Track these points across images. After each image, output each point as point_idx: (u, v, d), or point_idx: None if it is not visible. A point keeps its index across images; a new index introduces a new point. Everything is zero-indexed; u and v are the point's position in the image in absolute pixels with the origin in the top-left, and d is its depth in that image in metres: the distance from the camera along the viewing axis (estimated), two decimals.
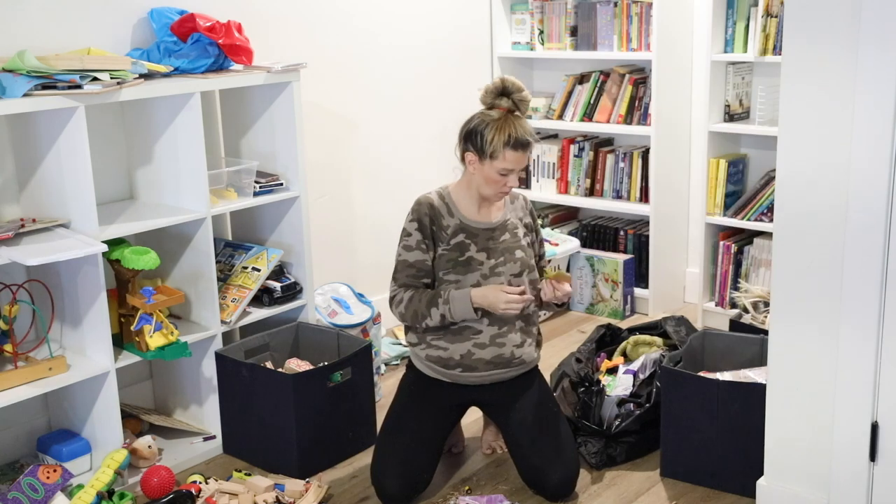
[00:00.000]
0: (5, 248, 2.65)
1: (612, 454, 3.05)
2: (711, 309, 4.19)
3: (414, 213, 2.90)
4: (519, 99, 2.81)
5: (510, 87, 2.81)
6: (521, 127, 2.79)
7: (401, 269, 2.89)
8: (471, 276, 2.84)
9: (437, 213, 2.89)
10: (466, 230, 2.88)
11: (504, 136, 2.76)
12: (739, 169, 4.10)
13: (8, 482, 2.85)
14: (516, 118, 2.80)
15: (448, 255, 2.86)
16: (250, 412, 3.11)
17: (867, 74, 2.28)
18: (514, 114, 2.80)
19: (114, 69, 2.79)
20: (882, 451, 2.47)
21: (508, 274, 2.86)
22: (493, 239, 2.88)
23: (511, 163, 2.79)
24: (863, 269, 2.38)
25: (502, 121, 2.78)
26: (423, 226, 2.88)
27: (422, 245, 2.87)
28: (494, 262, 2.86)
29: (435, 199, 2.92)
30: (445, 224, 2.88)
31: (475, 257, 2.86)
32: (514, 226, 2.93)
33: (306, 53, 3.52)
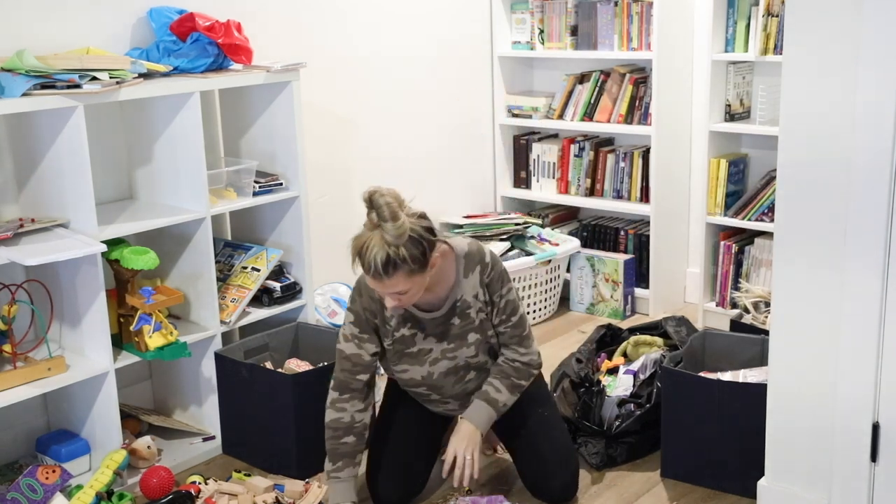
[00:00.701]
0: (4, 248, 2.65)
1: (612, 455, 3.04)
2: (712, 309, 4.18)
3: (352, 304, 2.67)
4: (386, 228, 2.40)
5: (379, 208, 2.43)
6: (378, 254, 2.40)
7: (339, 359, 2.70)
8: (420, 367, 2.72)
9: (380, 305, 2.63)
10: (412, 319, 2.67)
11: (354, 253, 2.46)
12: (740, 169, 4.10)
13: (7, 482, 2.85)
14: (378, 238, 2.42)
15: (394, 348, 2.71)
16: (250, 413, 3.10)
17: (868, 74, 2.27)
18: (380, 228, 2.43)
19: (113, 69, 2.79)
20: (883, 451, 2.47)
21: (464, 357, 2.72)
22: (443, 325, 2.68)
23: (371, 285, 2.51)
24: (863, 269, 2.38)
25: (365, 236, 2.45)
26: (361, 320, 2.66)
27: (356, 339, 2.67)
28: (447, 345, 2.71)
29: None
30: (389, 315, 2.66)
31: (424, 347, 2.70)
32: (465, 306, 2.67)
33: (306, 53, 3.51)
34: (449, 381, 2.76)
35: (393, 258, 2.41)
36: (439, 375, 2.75)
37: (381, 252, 2.41)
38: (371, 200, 2.46)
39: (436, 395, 2.82)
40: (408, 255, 2.43)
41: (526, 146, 4.66)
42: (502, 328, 2.73)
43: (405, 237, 2.43)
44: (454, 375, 2.76)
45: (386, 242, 2.41)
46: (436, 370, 2.74)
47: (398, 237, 2.42)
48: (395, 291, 2.49)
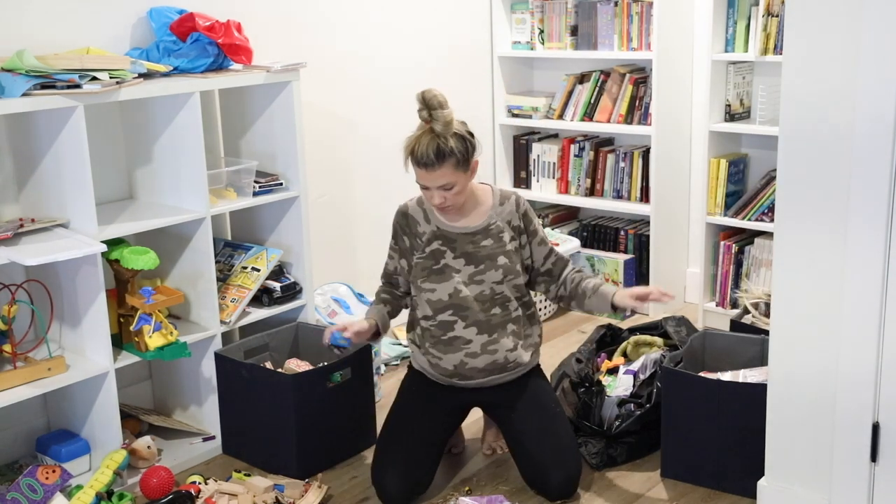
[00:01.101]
0: (4, 248, 2.65)
1: (612, 454, 3.04)
2: (712, 309, 4.18)
3: (394, 223, 2.95)
4: (436, 116, 2.70)
5: (429, 100, 2.71)
6: (428, 143, 2.69)
7: (384, 269, 3.02)
8: (447, 283, 2.82)
9: (412, 220, 2.89)
10: (443, 237, 2.84)
11: (407, 149, 2.73)
12: (740, 169, 4.10)
13: (7, 483, 2.85)
14: (429, 133, 2.70)
15: (423, 262, 2.85)
16: (250, 412, 3.10)
17: (869, 73, 2.27)
18: (431, 128, 2.71)
19: (113, 69, 2.79)
20: (883, 451, 2.47)
21: (490, 281, 2.82)
22: (474, 244, 2.83)
23: (421, 179, 2.76)
24: (864, 267, 2.38)
25: (416, 135, 2.73)
26: (396, 234, 2.93)
27: (393, 252, 2.95)
28: (474, 268, 2.82)
29: (411, 206, 2.92)
30: (421, 231, 2.87)
31: (451, 264, 2.82)
32: (498, 230, 2.85)
33: (306, 53, 3.51)
34: (475, 308, 2.83)
35: (442, 148, 2.67)
36: (466, 298, 2.82)
37: (432, 142, 2.68)
38: (423, 96, 2.70)
39: (461, 323, 2.83)
40: (455, 147, 2.69)
41: (526, 146, 4.66)
42: (553, 257, 2.94)
43: (452, 126, 2.70)
44: (479, 303, 2.83)
45: (436, 134, 2.68)
46: (462, 290, 2.82)
47: (446, 125, 2.69)
48: (442, 185, 2.72)
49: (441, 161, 2.68)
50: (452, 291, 2.82)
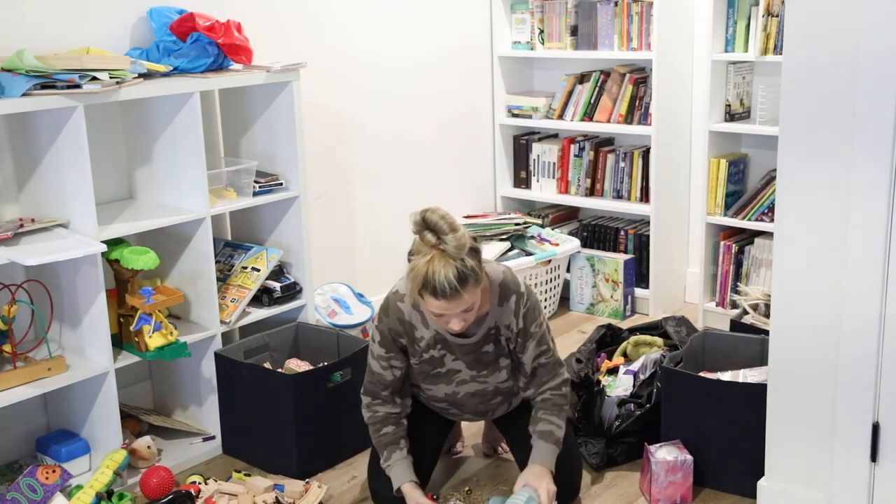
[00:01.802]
0: (4, 248, 2.65)
1: (612, 454, 3.04)
2: (712, 309, 4.18)
3: (379, 323, 2.65)
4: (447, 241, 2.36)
5: (433, 223, 2.39)
6: (442, 271, 2.35)
7: (368, 370, 2.73)
8: (445, 386, 2.71)
9: (406, 327, 2.61)
10: (443, 342, 2.63)
11: (419, 280, 2.39)
12: (740, 169, 4.10)
13: (7, 483, 2.85)
14: (442, 258, 2.37)
15: (420, 367, 2.69)
16: (250, 413, 3.10)
17: (869, 72, 2.27)
18: (441, 252, 2.38)
19: (113, 68, 2.79)
20: (883, 451, 2.47)
21: (495, 382, 2.70)
22: (476, 352, 2.65)
23: (435, 308, 2.43)
24: (864, 267, 2.38)
25: (424, 260, 2.39)
26: (387, 340, 2.64)
27: (382, 360, 2.67)
28: (477, 372, 2.68)
29: (406, 311, 2.61)
30: (419, 336, 2.62)
31: (452, 367, 2.67)
32: (498, 334, 2.63)
33: (306, 53, 3.51)
34: (473, 401, 2.76)
35: (462, 271, 2.37)
36: (465, 395, 2.74)
37: (451, 269, 2.36)
38: (424, 220, 2.40)
39: (455, 410, 2.82)
40: (473, 265, 2.40)
41: (526, 146, 4.66)
42: (543, 359, 2.67)
43: (466, 247, 2.38)
44: (480, 397, 2.75)
45: (451, 258, 2.37)
46: (462, 390, 2.72)
47: (460, 248, 2.37)
48: (464, 309, 2.44)
49: (464, 287, 2.38)
50: (451, 392, 2.72)
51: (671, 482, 2.81)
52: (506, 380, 2.73)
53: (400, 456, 2.69)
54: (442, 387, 2.72)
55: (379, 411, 2.71)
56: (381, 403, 2.72)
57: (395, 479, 2.66)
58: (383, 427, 2.71)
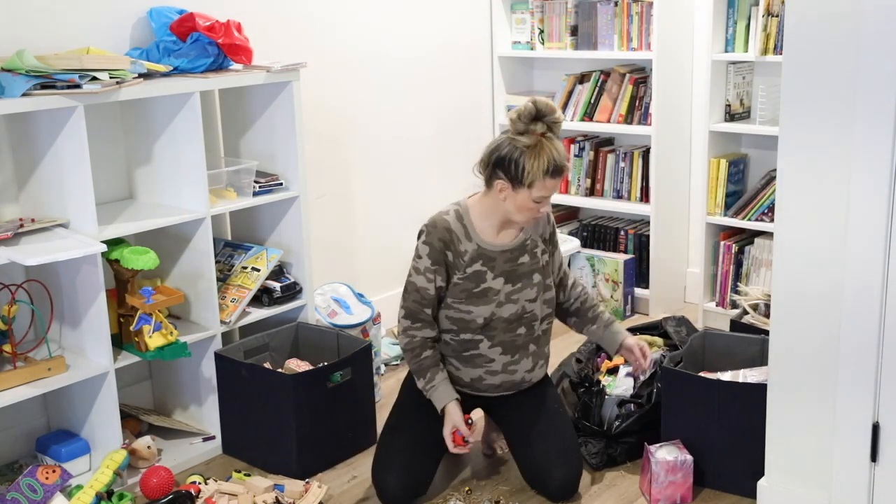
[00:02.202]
0: (4, 248, 2.65)
1: (612, 454, 3.04)
2: (712, 309, 4.18)
3: (427, 236, 2.77)
4: (552, 121, 2.64)
5: (544, 109, 2.64)
6: (558, 151, 2.64)
7: (409, 290, 2.82)
8: (486, 307, 2.78)
9: (454, 237, 2.76)
10: (484, 256, 2.77)
11: (543, 164, 2.62)
12: (740, 169, 4.10)
13: (7, 483, 2.85)
14: (551, 142, 2.64)
15: (463, 284, 2.77)
16: (250, 413, 3.10)
17: (869, 72, 2.27)
18: (547, 137, 2.64)
19: (113, 68, 2.79)
20: (883, 451, 2.47)
21: (524, 300, 2.81)
22: (513, 261, 2.79)
23: (549, 190, 2.68)
24: (864, 267, 2.38)
25: (539, 147, 2.62)
26: (435, 251, 2.75)
27: (429, 272, 2.77)
28: (511, 287, 2.79)
29: (452, 222, 2.77)
30: (463, 250, 2.76)
31: (492, 286, 2.77)
32: (533, 244, 2.83)
33: (306, 53, 3.51)
34: (502, 327, 2.82)
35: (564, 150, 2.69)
36: (498, 319, 2.80)
37: (559, 146, 2.66)
38: (537, 106, 2.64)
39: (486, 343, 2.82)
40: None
41: None
42: (564, 269, 2.98)
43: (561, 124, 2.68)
44: (507, 322, 2.81)
45: (556, 139, 2.67)
46: (498, 312, 2.79)
47: (559, 125, 2.67)
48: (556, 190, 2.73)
49: (568, 161, 2.74)
50: (488, 315, 2.78)
51: (671, 482, 2.81)
52: (534, 299, 2.83)
53: (442, 377, 2.80)
54: (482, 308, 2.78)
55: (416, 336, 2.80)
56: (420, 327, 2.80)
57: (440, 399, 2.79)
58: (423, 351, 2.80)
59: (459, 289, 2.78)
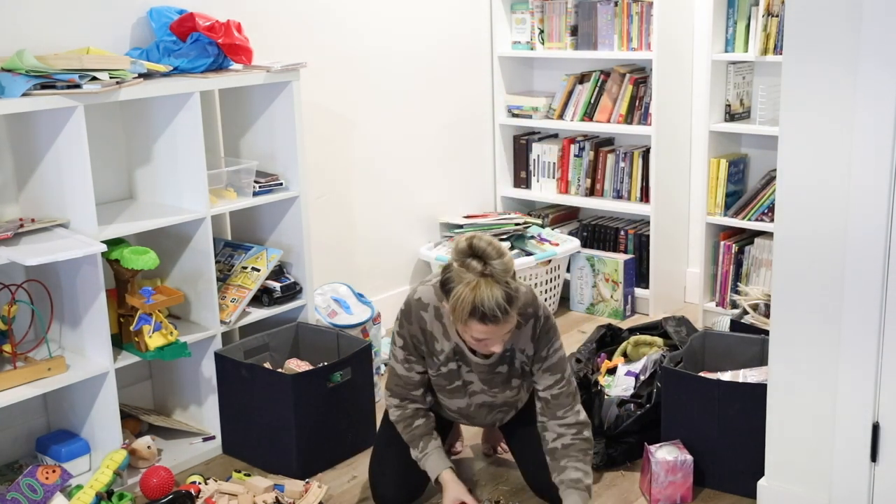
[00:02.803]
0: (4, 248, 2.65)
1: (612, 455, 3.04)
2: (712, 309, 4.18)
3: (402, 328, 2.64)
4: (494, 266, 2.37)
5: (481, 250, 2.39)
6: (491, 296, 2.35)
7: (391, 374, 2.74)
8: (460, 399, 2.74)
9: (430, 337, 2.63)
10: (461, 355, 2.64)
11: (468, 307, 2.37)
12: (740, 169, 4.10)
13: (7, 483, 2.85)
14: (489, 283, 2.36)
15: (437, 381, 2.72)
16: (250, 413, 3.10)
17: (869, 71, 2.27)
18: (486, 278, 2.37)
19: (113, 68, 2.79)
20: (883, 451, 2.47)
21: (503, 398, 2.74)
22: (490, 371, 2.67)
23: (479, 333, 2.44)
24: (864, 269, 2.38)
25: (470, 286, 2.37)
26: (409, 346, 2.66)
27: (406, 364, 2.68)
28: (489, 388, 2.71)
29: (428, 320, 2.60)
30: (438, 349, 2.64)
31: (467, 379, 2.69)
32: (513, 355, 2.66)
33: (306, 53, 3.51)
34: (482, 412, 2.78)
35: (508, 293, 2.39)
36: (476, 408, 2.76)
37: (499, 292, 2.37)
38: (472, 247, 2.40)
39: (464, 421, 2.85)
40: (515, 285, 2.43)
41: (526, 146, 4.66)
42: (556, 389, 2.65)
43: (512, 270, 2.41)
44: (489, 409, 2.78)
45: (497, 281, 2.37)
46: (473, 402, 2.75)
47: (506, 271, 2.39)
48: (507, 331, 2.47)
49: (512, 308, 2.40)
50: (464, 406, 2.76)
51: (671, 482, 2.81)
52: (515, 395, 2.76)
53: (435, 445, 2.73)
54: (456, 400, 2.75)
55: (408, 408, 2.74)
56: (407, 405, 2.75)
57: (433, 468, 2.71)
58: (414, 421, 2.74)
59: (434, 383, 2.73)
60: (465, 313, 2.39)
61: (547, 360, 2.65)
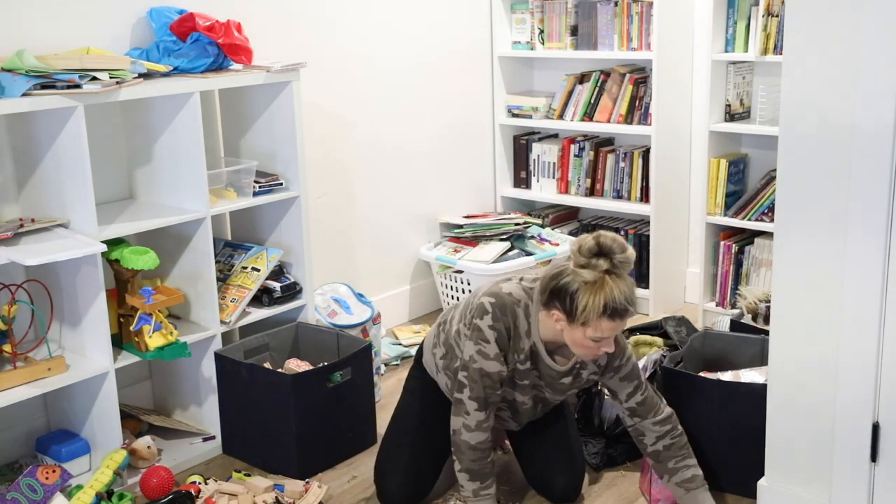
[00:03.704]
0: (4, 248, 2.65)
1: (612, 455, 3.04)
2: (712, 309, 4.18)
3: (496, 321, 2.55)
4: (620, 261, 2.40)
5: (608, 247, 2.40)
6: (621, 291, 2.40)
7: (476, 378, 2.56)
8: (519, 394, 2.69)
9: (518, 333, 2.58)
10: (534, 359, 2.62)
11: (599, 305, 2.39)
12: (740, 168, 4.10)
13: (7, 483, 2.85)
14: (615, 280, 2.40)
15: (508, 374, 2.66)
16: (250, 413, 3.10)
17: (869, 72, 2.27)
18: (612, 275, 2.40)
19: (113, 69, 2.79)
20: (883, 451, 2.47)
21: (552, 400, 2.74)
22: (557, 379, 2.67)
23: (607, 331, 2.45)
24: (863, 267, 2.38)
25: (598, 284, 2.39)
26: (503, 339, 2.57)
27: (502, 354, 2.58)
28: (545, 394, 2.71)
29: (521, 316, 2.57)
30: (521, 346, 2.60)
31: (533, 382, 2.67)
32: (582, 367, 2.66)
33: (306, 53, 3.51)
34: (528, 410, 2.76)
35: (631, 289, 2.44)
36: (531, 405, 2.74)
37: (626, 287, 2.42)
38: (600, 245, 2.41)
39: (506, 414, 2.79)
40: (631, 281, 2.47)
41: (526, 146, 4.66)
42: (639, 395, 2.66)
43: (633, 263, 2.43)
44: (534, 408, 2.76)
45: (621, 276, 2.41)
46: (526, 400, 2.71)
47: (629, 265, 2.43)
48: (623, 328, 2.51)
49: (633, 305, 2.45)
50: (518, 401, 2.71)
51: None
52: (563, 400, 2.78)
53: (495, 489, 2.66)
54: (516, 394, 2.70)
55: (489, 437, 2.63)
56: (489, 418, 2.62)
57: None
58: (491, 454, 2.65)
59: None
60: (596, 313, 2.40)
61: (622, 370, 2.65)
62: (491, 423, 2.63)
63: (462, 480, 2.64)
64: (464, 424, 2.60)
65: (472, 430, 2.60)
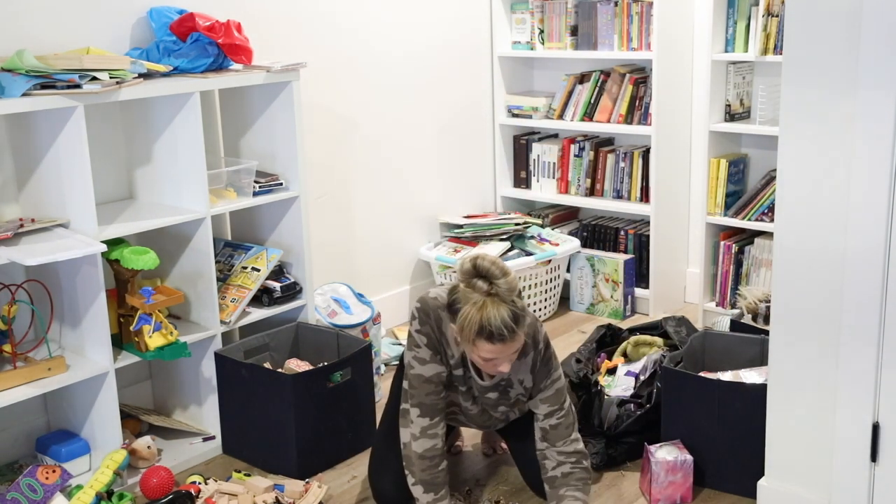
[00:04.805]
0: (4, 248, 2.65)
1: (612, 455, 3.04)
2: (712, 309, 4.18)
3: (423, 325, 2.59)
4: (500, 285, 2.39)
5: (485, 269, 2.40)
6: (498, 315, 2.37)
7: (415, 386, 2.61)
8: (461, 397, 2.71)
9: (444, 339, 2.60)
10: (465, 367, 2.64)
11: (475, 326, 2.38)
12: (740, 169, 4.10)
13: (7, 483, 2.85)
14: (495, 302, 2.38)
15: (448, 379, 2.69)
16: (250, 413, 3.10)
17: (869, 72, 2.27)
18: (492, 296, 2.39)
19: (113, 68, 2.79)
20: (883, 451, 2.47)
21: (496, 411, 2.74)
22: (483, 395, 2.70)
23: (487, 353, 2.44)
24: (864, 270, 2.38)
25: (477, 306, 2.39)
26: (433, 341, 2.60)
27: (432, 360, 2.60)
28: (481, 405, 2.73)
29: (446, 320, 2.56)
30: (449, 353, 2.63)
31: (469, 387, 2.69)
32: (508, 385, 2.67)
33: (306, 53, 3.51)
34: (477, 416, 2.77)
35: (515, 312, 2.40)
36: (470, 411, 2.75)
37: (506, 311, 2.39)
38: (476, 267, 2.42)
39: (462, 418, 2.82)
40: (522, 305, 2.44)
41: (526, 146, 4.66)
42: (554, 419, 2.66)
43: (517, 290, 2.42)
44: (483, 415, 2.77)
45: (503, 301, 2.39)
46: (470, 406, 2.73)
47: (511, 291, 2.41)
48: (514, 350, 2.48)
49: (519, 327, 2.41)
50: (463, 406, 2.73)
51: (671, 482, 2.81)
52: (507, 410, 2.75)
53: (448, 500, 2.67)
54: (458, 397, 2.72)
55: (438, 440, 2.63)
56: (438, 423, 2.63)
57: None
58: (441, 463, 2.65)
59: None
60: (472, 333, 2.40)
61: (545, 391, 2.66)
62: (440, 431, 2.63)
63: (417, 494, 2.65)
64: (411, 434, 2.63)
65: (418, 437, 2.62)
